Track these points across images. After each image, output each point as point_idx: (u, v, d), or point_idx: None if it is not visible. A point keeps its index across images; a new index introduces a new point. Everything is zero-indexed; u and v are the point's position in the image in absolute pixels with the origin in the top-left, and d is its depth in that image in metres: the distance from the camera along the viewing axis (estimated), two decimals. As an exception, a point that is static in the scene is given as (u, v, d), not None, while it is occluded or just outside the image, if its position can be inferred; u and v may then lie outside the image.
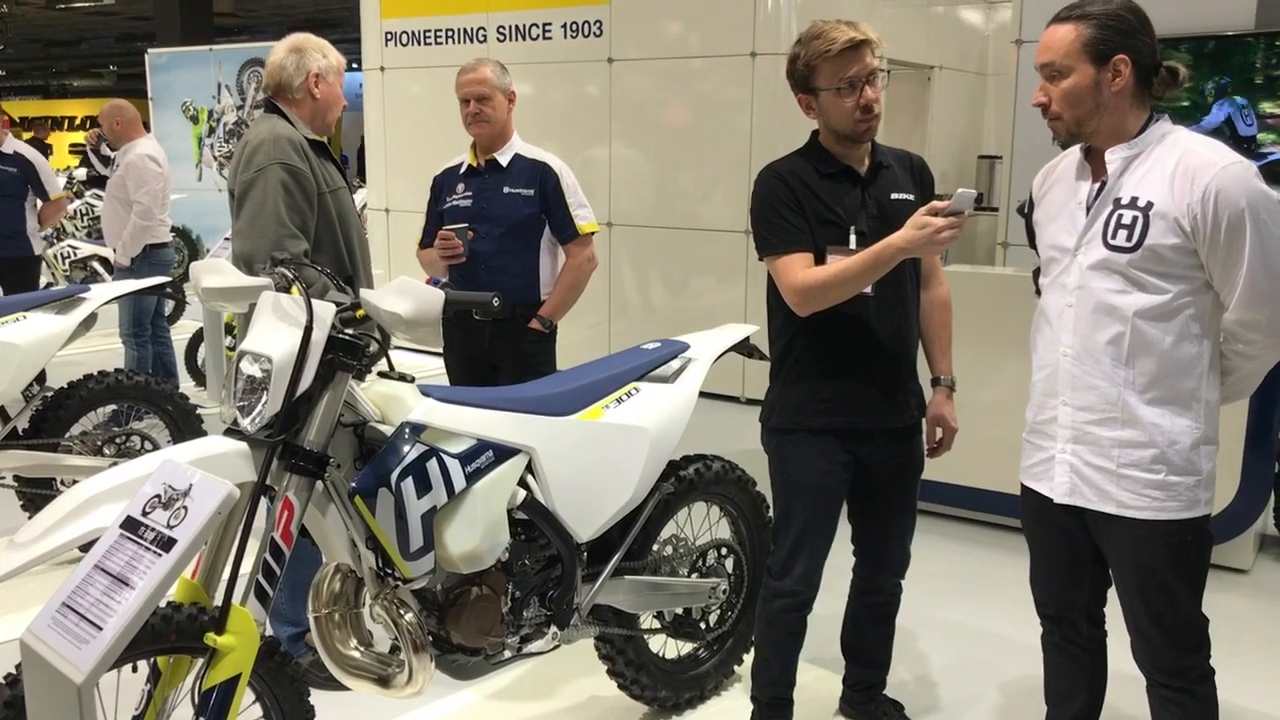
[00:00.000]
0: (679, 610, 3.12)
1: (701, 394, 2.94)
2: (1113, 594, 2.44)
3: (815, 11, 6.78)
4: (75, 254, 8.58)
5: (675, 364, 2.95)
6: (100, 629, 1.85)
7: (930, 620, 3.77)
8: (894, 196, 2.67)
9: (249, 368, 2.21)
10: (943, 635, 3.71)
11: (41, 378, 4.84)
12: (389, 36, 8.51)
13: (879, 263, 2.46)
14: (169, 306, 7.01)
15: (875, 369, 2.67)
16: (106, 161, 10.71)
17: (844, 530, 2.84)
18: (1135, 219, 2.17)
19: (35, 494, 4.26)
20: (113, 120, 6.35)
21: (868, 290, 2.58)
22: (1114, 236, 2.20)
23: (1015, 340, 3.06)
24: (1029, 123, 5.51)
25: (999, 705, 3.28)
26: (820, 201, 2.61)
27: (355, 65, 9.40)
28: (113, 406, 4.53)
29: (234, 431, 2.24)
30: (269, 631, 2.23)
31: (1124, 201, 2.20)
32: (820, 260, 2.59)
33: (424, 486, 2.32)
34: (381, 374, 2.47)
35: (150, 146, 6.38)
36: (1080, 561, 2.43)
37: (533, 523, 2.61)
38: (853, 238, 2.59)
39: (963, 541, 4.58)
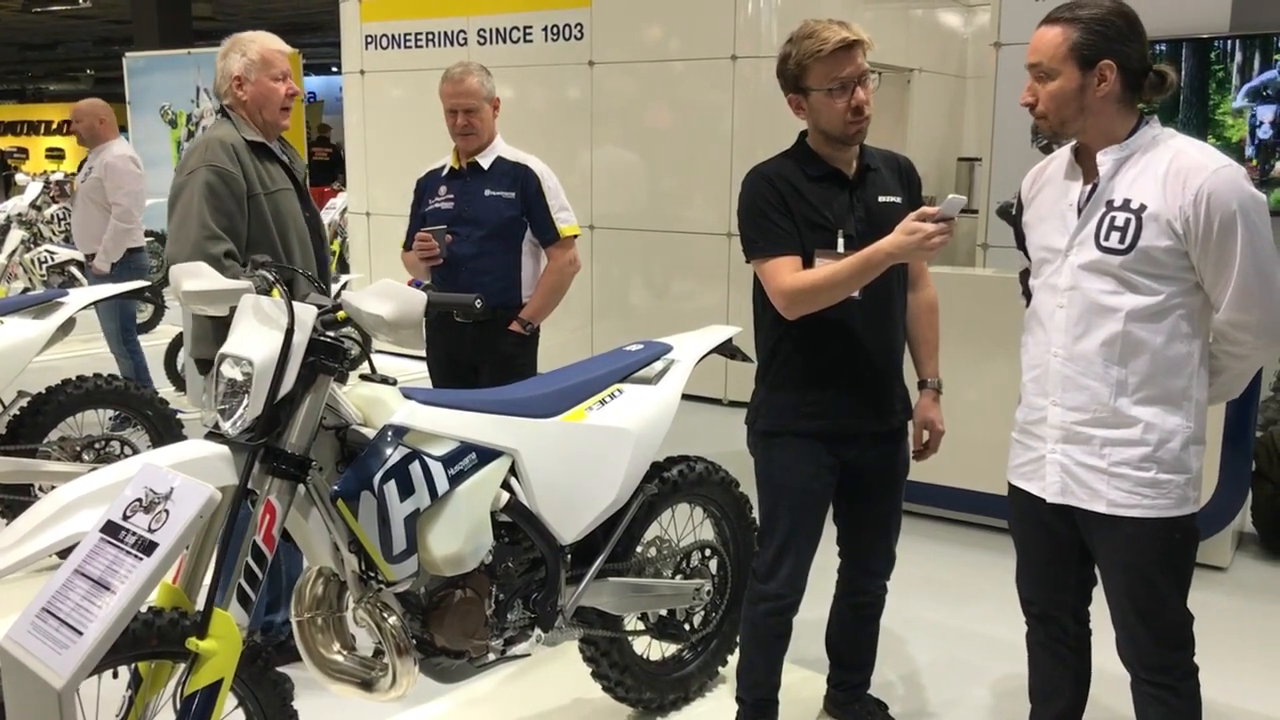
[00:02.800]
0: (663, 612, 3.12)
1: (684, 395, 2.93)
2: (1097, 592, 2.45)
3: (795, 15, 6.79)
4: (52, 259, 8.51)
5: (658, 365, 2.95)
6: (81, 634, 1.84)
7: (915, 620, 3.78)
8: (881, 199, 2.67)
9: (230, 371, 2.19)
10: (927, 635, 3.72)
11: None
12: (369, 39, 8.49)
13: (868, 267, 2.46)
14: (147, 311, 6.96)
15: (862, 372, 2.67)
16: None
17: (829, 532, 2.85)
18: (1128, 221, 2.19)
19: (13, 500, 4.22)
20: (96, 118, 6.23)
21: (855, 294, 2.58)
22: (1106, 238, 2.21)
23: (997, 341, 3.08)
24: (1008, 125, 5.55)
25: (984, 704, 3.30)
26: (808, 204, 2.61)
27: (335, 69, 9.35)
28: (109, 412, 4.49)
29: (215, 435, 2.22)
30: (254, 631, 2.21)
31: (1116, 204, 2.21)
32: (808, 264, 2.59)
33: (407, 489, 2.31)
34: (363, 377, 2.46)
35: (127, 148, 6.33)
36: (1067, 560, 2.44)
37: (516, 525, 2.60)
38: (840, 241, 2.59)
39: (947, 542, 4.59)
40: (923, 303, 2.84)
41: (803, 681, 3.25)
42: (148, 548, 1.91)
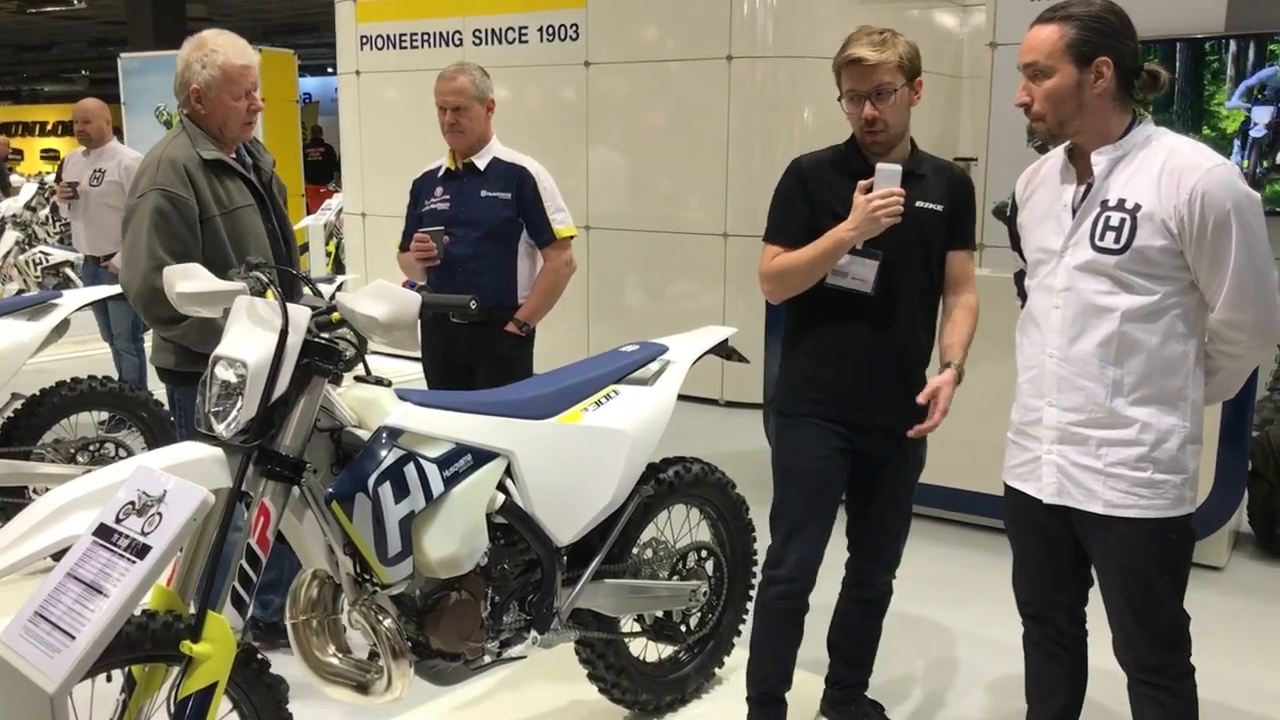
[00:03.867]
0: (659, 613, 3.12)
1: (681, 396, 2.94)
2: (1094, 592, 2.45)
3: (791, 16, 6.81)
4: (47, 260, 8.49)
5: (654, 366, 2.95)
6: (74, 638, 1.83)
7: (912, 620, 3.77)
8: (919, 204, 2.67)
9: (224, 373, 2.19)
10: (924, 635, 3.72)
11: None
12: (364, 40, 8.48)
13: (825, 252, 2.60)
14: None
15: (870, 366, 2.70)
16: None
17: (837, 527, 2.83)
18: (1123, 221, 2.19)
19: (6, 503, 4.21)
20: (104, 119, 6.23)
21: (869, 290, 2.64)
22: (1101, 238, 2.21)
23: (993, 341, 3.07)
24: (1004, 125, 5.55)
25: (980, 704, 3.29)
26: (837, 196, 2.65)
27: (331, 70, 9.34)
28: (103, 415, 4.48)
29: (209, 437, 2.21)
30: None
31: (1111, 204, 2.22)
32: None
33: (402, 491, 2.30)
34: (358, 378, 2.45)
35: (131, 150, 6.35)
36: (1063, 561, 2.44)
37: (512, 527, 2.60)
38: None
39: (944, 543, 4.59)
40: (962, 304, 2.81)
41: (801, 682, 3.23)
42: (141, 551, 1.90)
